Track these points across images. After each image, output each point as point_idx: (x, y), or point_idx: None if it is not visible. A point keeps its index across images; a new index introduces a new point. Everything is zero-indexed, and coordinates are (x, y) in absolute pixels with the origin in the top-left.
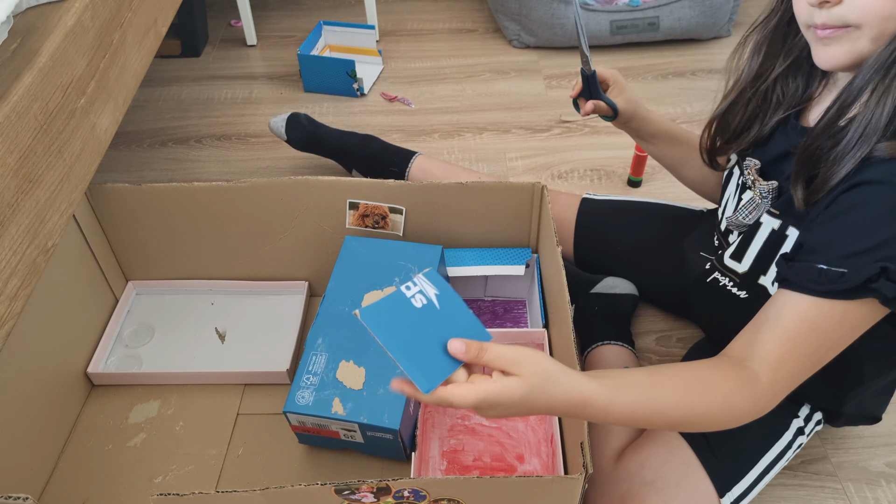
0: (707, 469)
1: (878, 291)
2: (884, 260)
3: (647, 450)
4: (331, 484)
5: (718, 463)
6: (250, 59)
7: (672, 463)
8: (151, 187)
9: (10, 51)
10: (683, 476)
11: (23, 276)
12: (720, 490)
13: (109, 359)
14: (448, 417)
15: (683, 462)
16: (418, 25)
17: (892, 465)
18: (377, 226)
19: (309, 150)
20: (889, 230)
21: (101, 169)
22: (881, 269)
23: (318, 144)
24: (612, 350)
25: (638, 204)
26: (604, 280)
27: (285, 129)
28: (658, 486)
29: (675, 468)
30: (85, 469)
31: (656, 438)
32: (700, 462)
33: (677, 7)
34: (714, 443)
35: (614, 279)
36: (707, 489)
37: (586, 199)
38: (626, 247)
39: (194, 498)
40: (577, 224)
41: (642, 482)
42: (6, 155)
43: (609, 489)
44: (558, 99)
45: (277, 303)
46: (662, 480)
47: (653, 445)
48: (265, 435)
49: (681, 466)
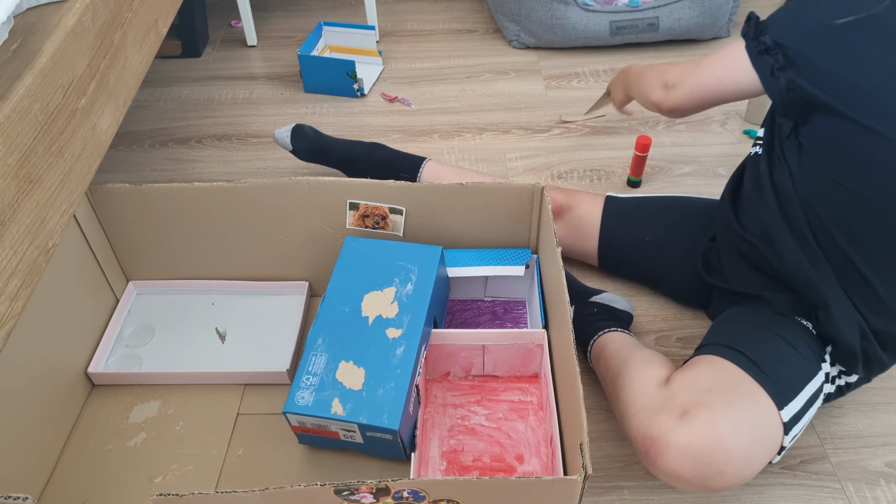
0: (760, 382)
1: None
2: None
3: (695, 369)
4: (330, 484)
5: (769, 379)
6: (251, 59)
7: (724, 376)
8: (152, 187)
9: (10, 51)
10: (739, 386)
11: (23, 276)
12: (778, 403)
13: (110, 359)
14: (448, 418)
15: (735, 376)
16: (418, 26)
17: (892, 465)
18: (377, 226)
19: (315, 161)
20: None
21: (101, 169)
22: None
23: (325, 154)
24: (619, 334)
25: (663, 197)
26: (603, 294)
27: (290, 139)
28: (716, 391)
29: (729, 380)
30: (85, 469)
31: (700, 361)
32: (751, 377)
33: (677, 8)
34: (761, 363)
35: (613, 295)
36: (765, 400)
37: (611, 198)
38: (654, 237)
39: (194, 498)
40: (604, 221)
41: (700, 391)
42: (7, 155)
43: (667, 404)
44: (558, 99)
45: (277, 303)
46: (719, 387)
47: (699, 365)
48: (265, 435)
49: (733, 379)
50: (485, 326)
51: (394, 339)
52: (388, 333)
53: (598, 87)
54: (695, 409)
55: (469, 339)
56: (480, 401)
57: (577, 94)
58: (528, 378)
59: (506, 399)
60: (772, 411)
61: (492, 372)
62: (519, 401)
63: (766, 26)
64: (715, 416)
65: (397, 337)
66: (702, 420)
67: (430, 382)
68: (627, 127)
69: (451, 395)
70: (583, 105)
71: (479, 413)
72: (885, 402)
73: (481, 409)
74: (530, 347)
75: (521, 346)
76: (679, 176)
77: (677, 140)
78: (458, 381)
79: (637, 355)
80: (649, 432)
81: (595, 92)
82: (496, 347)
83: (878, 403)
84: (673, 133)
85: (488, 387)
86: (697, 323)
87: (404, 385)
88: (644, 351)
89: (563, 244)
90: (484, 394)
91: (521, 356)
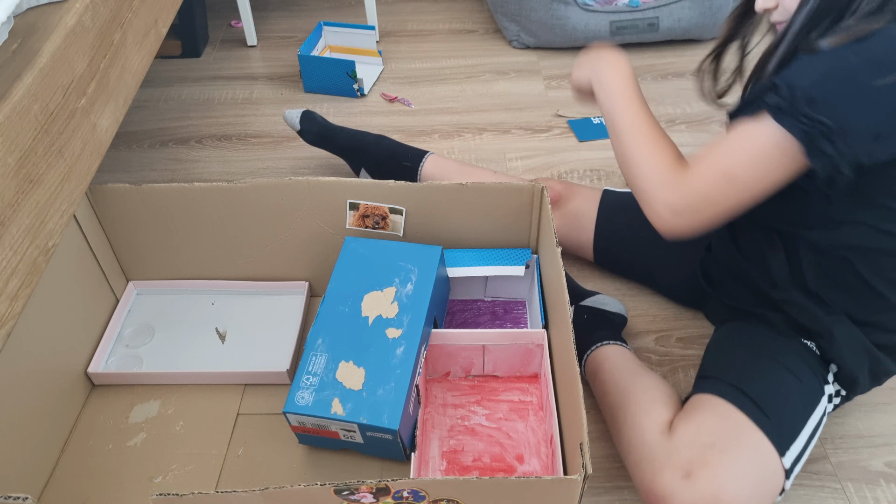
0: (763, 429)
1: (765, 102)
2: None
3: (698, 417)
4: (330, 484)
5: (772, 423)
6: (250, 59)
7: (726, 425)
8: (152, 187)
9: (10, 51)
10: (741, 436)
11: (23, 276)
12: (780, 449)
13: (110, 359)
14: (448, 418)
15: (738, 424)
16: (418, 26)
17: (892, 465)
18: (377, 226)
19: (319, 145)
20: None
21: (101, 169)
22: (772, 84)
23: (331, 139)
24: (614, 349)
25: None
26: (596, 296)
27: (300, 120)
28: (719, 447)
29: (732, 430)
30: (85, 469)
31: (703, 407)
32: (754, 423)
33: (677, 8)
34: (763, 404)
35: (605, 297)
36: (767, 449)
37: (608, 192)
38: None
39: (194, 498)
40: (599, 214)
41: (703, 446)
42: (7, 155)
43: (671, 459)
44: (558, 99)
45: (277, 303)
46: (722, 442)
47: (701, 413)
48: (265, 435)
49: (736, 428)
50: (485, 326)
51: (394, 339)
52: (388, 333)
53: None
54: (698, 469)
55: (469, 339)
56: (480, 401)
57: None
58: (528, 378)
59: (506, 399)
60: (774, 461)
61: (492, 372)
62: (519, 401)
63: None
64: (718, 478)
65: (397, 337)
66: (706, 482)
67: (430, 382)
68: None
69: (451, 395)
70: (582, 105)
71: (479, 413)
72: (885, 402)
73: (481, 410)
74: (530, 347)
75: (521, 347)
76: None
77: (677, 140)
78: (458, 381)
79: (637, 388)
80: (654, 488)
81: None
82: (496, 347)
83: (878, 403)
84: (673, 133)
85: (488, 387)
86: (697, 323)
87: (404, 385)
88: (644, 380)
89: (559, 234)
90: (484, 394)
91: (521, 356)
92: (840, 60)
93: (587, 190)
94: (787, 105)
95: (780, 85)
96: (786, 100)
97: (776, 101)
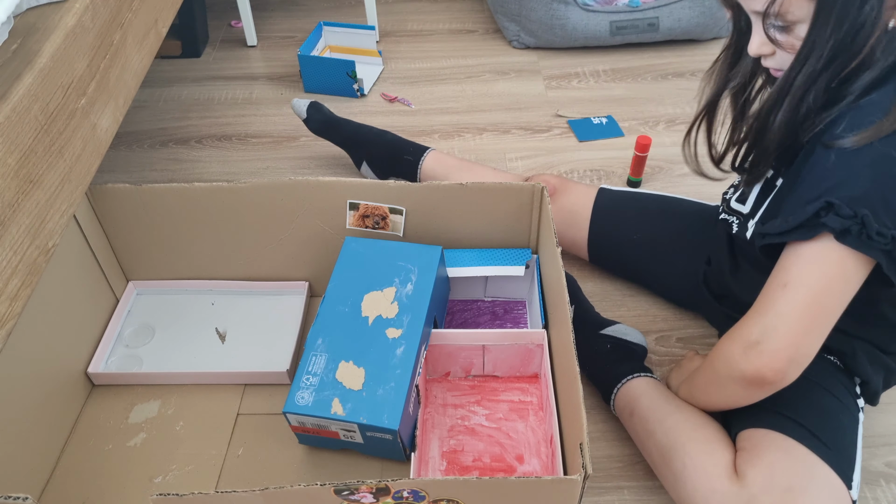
0: (829, 464)
1: (826, 225)
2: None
3: (766, 458)
4: (330, 484)
5: (834, 455)
6: (250, 59)
7: (797, 466)
8: (152, 187)
9: (10, 51)
10: (815, 476)
11: (23, 276)
12: (846, 482)
13: (110, 359)
14: (448, 418)
15: (806, 462)
16: (418, 26)
17: (892, 465)
18: (377, 226)
19: (323, 135)
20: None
21: (101, 169)
22: (826, 204)
23: (335, 130)
24: (645, 382)
25: (656, 196)
26: (616, 325)
27: (307, 108)
28: (797, 491)
29: (804, 470)
30: (85, 469)
31: (765, 445)
32: (819, 457)
33: (677, 8)
34: (821, 435)
35: (626, 327)
36: (837, 483)
37: (603, 189)
38: (642, 236)
39: (194, 498)
40: (594, 211)
41: (781, 491)
42: (7, 155)
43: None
44: (558, 99)
45: (277, 303)
46: (799, 485)
47: (768, 452)
48: (265, 435)
49: (806, 466)
50: (485, 326)
51: (394, 339)
52: (388, 333)
53: (598, 87)
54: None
55: (469, 339)
56: (480, 401)
57: (577, 94)
58: (528, 378)
59: (506, 399)
60: (845, 496)
61: (492, 372)
62: (519, 401)
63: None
64: None
65: (397, 337)
66: None
67: (430, 382)
68: (627, 127)
69: (451, 395)
70: (583, 105)
71: (479, 413)
72: (885, 402)
73: (481, 410)
74: (530, 347)
75: (521, 347)
76: (679, 176)
77: (677, 140)
78: (458, 382)
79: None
80: None
81: (595, 92)
82: (496, 347)
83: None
84: (673, 133)
85: (488, 387)
86: (697, 323)
87: (404, 385)
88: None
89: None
90: (484, 394)
91: (521, 356)
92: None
93: (583, 187)
94: (856, 228)
95: (838, 203)
96: (850, 220)
97: (840, 223)
